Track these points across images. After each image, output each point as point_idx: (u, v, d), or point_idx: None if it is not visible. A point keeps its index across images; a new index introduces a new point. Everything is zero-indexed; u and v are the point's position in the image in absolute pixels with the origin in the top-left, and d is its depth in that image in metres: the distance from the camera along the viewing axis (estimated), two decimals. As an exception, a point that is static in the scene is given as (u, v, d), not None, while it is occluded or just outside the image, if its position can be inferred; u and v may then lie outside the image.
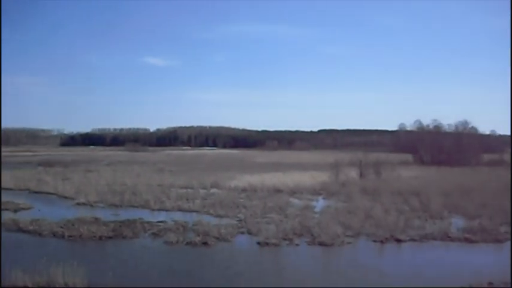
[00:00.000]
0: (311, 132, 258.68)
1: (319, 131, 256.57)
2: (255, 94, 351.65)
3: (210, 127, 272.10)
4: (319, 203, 38.05)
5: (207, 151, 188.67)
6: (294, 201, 38.44)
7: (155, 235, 25.99)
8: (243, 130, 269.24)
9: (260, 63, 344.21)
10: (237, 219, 30.39)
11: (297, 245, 23.97)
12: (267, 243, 23.82)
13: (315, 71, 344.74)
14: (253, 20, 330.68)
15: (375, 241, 24.85)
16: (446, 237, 25.70)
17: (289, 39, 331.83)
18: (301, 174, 59.57)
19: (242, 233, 26.54)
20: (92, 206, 35.94)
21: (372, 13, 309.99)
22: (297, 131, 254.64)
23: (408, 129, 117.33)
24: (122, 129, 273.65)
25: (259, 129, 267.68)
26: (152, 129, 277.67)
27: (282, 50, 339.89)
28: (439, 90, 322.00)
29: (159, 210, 34.63)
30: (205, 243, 23.90)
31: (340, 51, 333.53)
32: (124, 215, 32.02)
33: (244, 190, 44.31)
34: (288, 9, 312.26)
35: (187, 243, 23.98)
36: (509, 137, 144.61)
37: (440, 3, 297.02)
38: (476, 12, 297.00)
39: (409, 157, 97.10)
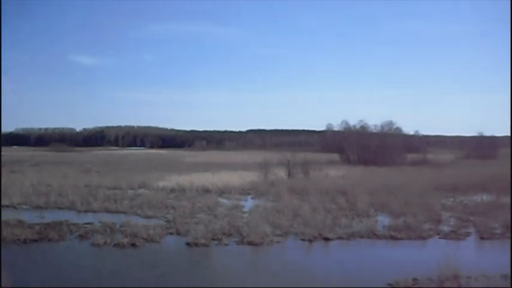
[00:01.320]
0: (240, 132, 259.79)
1: (248, 131, 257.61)
2: (184, 93, 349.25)
3: (137, 127, 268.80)
4: (248, 203, 38.09)
5: (134, 151, 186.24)
6: (223, 201, 38.32)
7: (82, 237, 25.22)
8: (171, 130, 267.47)
9: (189, 62, 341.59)
10: (166, 219, 29.97)
11: (226, 244, 23.82)
12: (196, 244, 23.57)
13: (243, 71, 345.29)
14: (182, 20, 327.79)
15: (303, 240, 25.00)
16: (372, 235, 26.13)
17: (219, 39, 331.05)
18: (230, 174, 59.53)
19: (171, 233, 26.14)
20: (15, 208, 34.58)
21: (296, 13, 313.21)
22: (225, 131, 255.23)
23: (335, 129, 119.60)
24: (47, 129, 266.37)
25: (188, 129, 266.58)
26: (78, 129, 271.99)
27: (211, 49, 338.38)
28: (365, 91, 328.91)
29: (85, 211, 33.70)
30: (133, 245, 23.41)
31: (269, 51, 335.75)
32: (50, 216, 30.97)
33: (172, 190, 43.86)
34: (218, 8, 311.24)
35: (115, 245, 23.40)
36: (432, 138, 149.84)
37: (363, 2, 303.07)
38: (400, 15, 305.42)
39: (336, 157, 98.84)
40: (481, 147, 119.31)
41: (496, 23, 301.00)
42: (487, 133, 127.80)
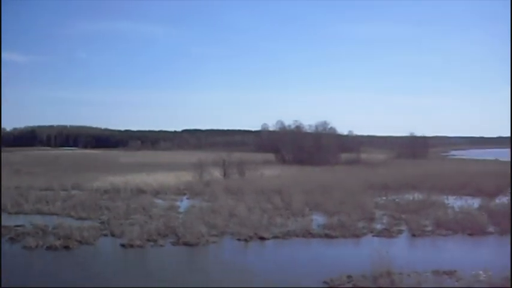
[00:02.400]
0: (175, 132, 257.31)
1: (183, 131, 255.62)
2: (118, 93, 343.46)
3: (70, 126, 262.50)
4: (184, 203, 37.81)
5: (67, 151, 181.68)
6: (158, 201, 37.90)
7: (13, 240, 24.47)
8: (105, 130, 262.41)
9: (122, 61, 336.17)
10: (100, 221, 29.37)
11: (162, 245, 23.57)
12: (131, 245, 23.19)
13: (176, 70, 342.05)
14: (115, 18, 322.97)
15: (239, 239, 24.98)
16: (307, 233, 26.36)
17: (152, 38, 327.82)
18: (165, 175, 58.95)
19: (105, 235, 25.67)
20: None
21: (228, 12, 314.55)
22: (160, 131, 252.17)
23: (271, 129, 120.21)
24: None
25: (122, 128, 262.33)
26: (9, 128, 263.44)
27: (144, 48, 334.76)
28: (300, 91, 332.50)
29: (16, 213, 32.70)
30: (66, 247, 22.83)
31: (202, 50, 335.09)
32: (-23, 219, 29.86)
33: (106, 191, 42.97)
34: (150, 7, 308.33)
35: (48, 248, 22.78)
36: (365, 138, 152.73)
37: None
38: (337, 20, 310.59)
39: (271, 157, 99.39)
40: (412, 147, 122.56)
41: (429, 26, 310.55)
42: (418, 134, 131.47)
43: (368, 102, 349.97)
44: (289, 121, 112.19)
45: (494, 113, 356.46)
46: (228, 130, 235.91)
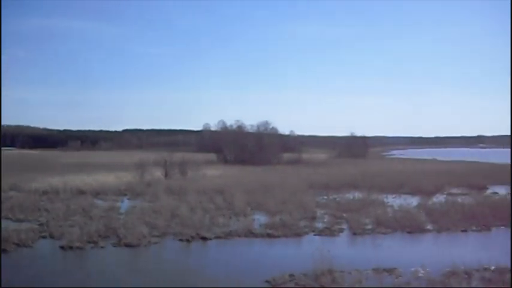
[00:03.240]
0: (115, 132, 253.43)
1: (124, 131, 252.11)
2: (56, 92, 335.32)
3: (7, 126, 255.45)
4: (125, 204, 37.25)
5: (4, 151, 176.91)
6: (99, 202, 37.16)
7: None
8: (44, 129, 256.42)
9: (62, 59, 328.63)
10: (38, 223, 28.59)
11: (102, 247, 23.11)
12: (70, 247, 22.63)
13: (116, 68, 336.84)
14: (51, 15, 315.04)
15: (181, 240, 24.74)
16: (249, 233, 26.35)
17: (95, 36, 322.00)
18: (105, 175, 57.84)
19: (44, 237, 25.01)
20: None
21: (172, 12, 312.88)
22: (101, 131, 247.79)
23: (213, 129, 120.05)
24: None
25: (61, 128, 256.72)
26: None
27: (86, 46, 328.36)
28: (242, 91, 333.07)
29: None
30: (3, 250, 22.06)
31: (143, 49, 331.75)
32: None
33: (45, 192, 41.86)
34: (90, 5, 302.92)
35: (-18, 251, 22.00)
36: (306, 138, 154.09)
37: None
38: (278, 20, 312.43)
39: (213, 157, 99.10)
40: (352, 147, 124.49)
41: (367, 27, 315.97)
42: (359, 133, 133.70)
43: (309, 102, 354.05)
44: (231, 121, 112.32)
45: (433, 114, 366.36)
46: (170, 130, 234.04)
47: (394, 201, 39.22)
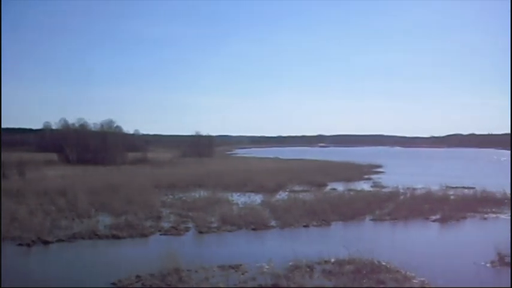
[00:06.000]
0: None
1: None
2: None
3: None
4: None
5: None
6: None
7: None
8: None
9: None
10: None
11: None
12: None
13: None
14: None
15: (20, 244, 23.49)
16: (94, 235, 25.64)
17: None
18: None
19: None
20: None
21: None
22: None
23: (53, 128, 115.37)
24: None
25: None
26: None
27: None
28: (84, 89, 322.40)
29: None
30: None
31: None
32: None
33: None
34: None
35: None
36: (151, 137, 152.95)
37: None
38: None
39: (55, 156, 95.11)
40: (198, 146, 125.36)
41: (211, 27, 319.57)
42: (204, 133, 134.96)
43: (154, 101, 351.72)
44: (73, 119, 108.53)
45: (275, 114, 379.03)
46: (7, 129, 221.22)
47: (239, 199, 40.07)
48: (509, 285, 17.23)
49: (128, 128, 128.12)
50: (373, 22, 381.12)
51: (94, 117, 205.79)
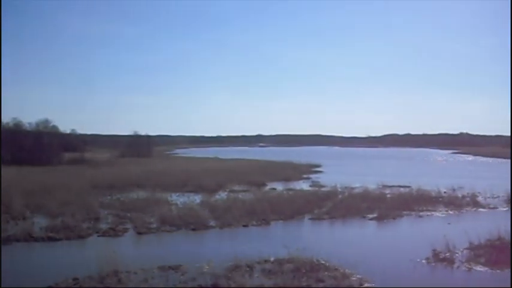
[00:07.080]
0: None
1: None
2: None
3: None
4: None
5: None
6: None
7: None
8: None
9: None
10: None
11: None
12: None
13: None
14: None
15: (-50, 249, 22.75)
16: (29, 237, 25.05)
17: None
18: None
19: None
20: None
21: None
22: None
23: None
24: None
25: None
26: None
27: None
28: (20, 88, 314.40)
29: None
30: None
31: None
32: None
33: None
34: None
35: None
36: (89, 137, 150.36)
37: None
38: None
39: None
40: (136, 146, 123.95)
41: (147, 25, 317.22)
42: (142, 132, 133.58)
43: (91, 100, 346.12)
44: (7, 118, 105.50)
45: (215, 114, 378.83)
46: None
47: (178, 199, 39.89)
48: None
49: (65, 128, 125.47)
50: (309, 20, 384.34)
51: (29, 116, 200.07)
